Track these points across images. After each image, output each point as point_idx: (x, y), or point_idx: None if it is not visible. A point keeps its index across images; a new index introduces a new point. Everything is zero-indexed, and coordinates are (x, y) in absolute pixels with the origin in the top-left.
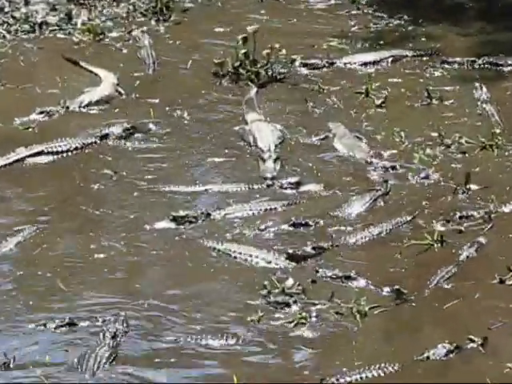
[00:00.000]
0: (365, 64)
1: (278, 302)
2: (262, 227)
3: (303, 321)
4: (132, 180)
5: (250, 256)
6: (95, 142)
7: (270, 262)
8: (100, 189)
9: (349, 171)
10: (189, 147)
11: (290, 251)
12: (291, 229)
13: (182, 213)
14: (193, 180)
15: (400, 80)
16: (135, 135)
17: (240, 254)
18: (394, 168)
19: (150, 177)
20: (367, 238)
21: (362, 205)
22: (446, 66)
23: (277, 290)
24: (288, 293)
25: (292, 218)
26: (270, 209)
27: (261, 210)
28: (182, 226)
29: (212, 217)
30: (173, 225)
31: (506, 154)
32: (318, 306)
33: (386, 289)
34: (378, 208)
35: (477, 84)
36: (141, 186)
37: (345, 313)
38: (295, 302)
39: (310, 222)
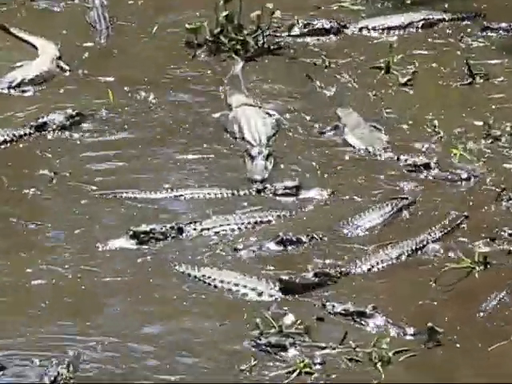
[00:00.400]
0: (386, 30)
1: (273, 345)
2: (252, 246)
3: (306, 369)
4: (78, 184)
5: (236, 285)
6: (30, 134)
7: (262, 294)
8: (36, 195)
9: (364, 172)
10: (154, 140)
11: (285, 278)
12: (281, 248)
13: (145, 227)
14: (160, 184)
15: (432, 51)
16: (83, 125)
17: (222, 282)
18: (425, 167)
19: (102, 179)
20: (386, 262)
21: (380, 216)
22: (490, 33)
23: (272, 330)
24: (286, 333)
25: (287, 232)
26: (261, 222)
27: (249, 223)
28: (146, 246)
29: (185, 233)
30: (133, 243)
31: None
32: (326, 351)
33: (413, 327)
34: (402, 221)
35: None
36: (90, 191)
37: (361, 359)
38: (295, 345)
39: (304, 239)
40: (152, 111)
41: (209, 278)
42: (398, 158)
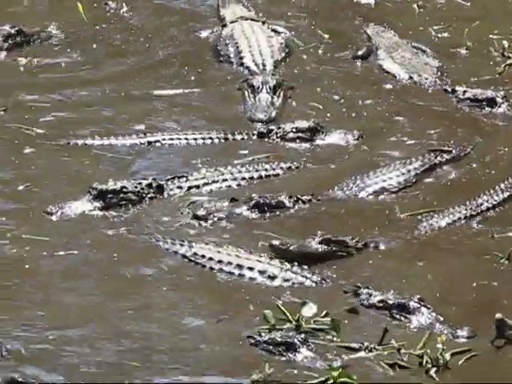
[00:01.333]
0: None
1: (289, 345)
2: (251, 210)
3: (345, 380)
4: (19, 126)
5: (240, 267)
6: None
7: (275, 277)
8: None
9: (405, 110)
10: (123, 69)
11: (279, 245)
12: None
13: (113, 185)
14: (131, 126)
15: None
16: (26, 47)
17: (221, 263)
18: (489, 103)
19: (51, 120)
20: (430, 228)
21: (401, 175)
22: None
23: (287, 325)
24: (307, 330)
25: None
26: (266, 175)
27: (249, 177)
28: (114, 212)
29: (167, 192)
30: (97, 207)
31: None
32: (359, 354)
33: (472, 323)
34: (444, 181)
35: None
36: (36, 136)
37: (408, 364)
38: (314, 345)
39: (287, 203)
40: (121, 24)
41: (203, 257)
42: (454, 90)
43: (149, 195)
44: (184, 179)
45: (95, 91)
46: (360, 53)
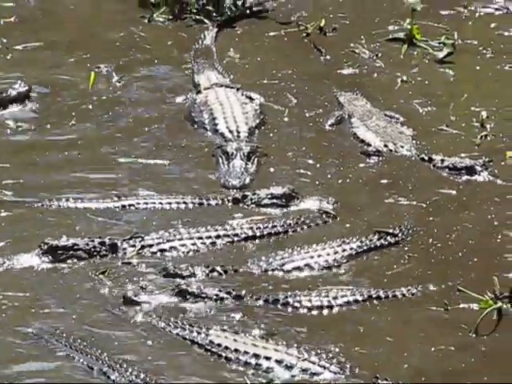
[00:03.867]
0: None
1: None
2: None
3: None
4: None
5: (256, 356)
6: None
7: (292, 368)
8: None
9: (383, 176)
10: (96, 134)
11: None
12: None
13: (64, 241)
14: (104, 190)
15: (476, 15)
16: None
17: (227, 350)
18: (471, 170)
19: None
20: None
21: (342, 251)
22: None
23: None
24: None
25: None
26: (225, 235)
27: (208, 237)
28: (64, 264)
29: (120, 251)
30: (45, 261)
31: None
32: None
33: None
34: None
35: None
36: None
37: None
38: None
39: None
40: (92, 92)
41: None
42: (431, 159)
43: (101, 253)
44: (139, 239)
45: (65, 155)
46: (333, 120)
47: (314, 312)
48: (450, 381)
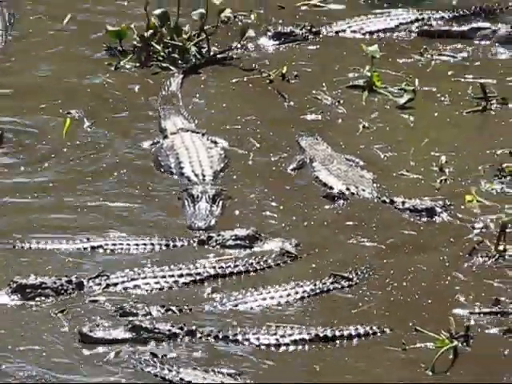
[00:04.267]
0: (369, 34)
1: None
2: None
3: None
4: None
5: None
6: None
7: None
8: None
9: (346, 218)
10: (66, 177)
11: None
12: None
13: (32, 279)
14: (72, 232)
15: (433, 62)
16: None
17: None
18: (428, 212)
19: None
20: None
21: (295, 294)
22: (503, 36)
23: None
24: None
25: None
26: (188, 274)
27: (171, 276)
28: (32, 302)
29: (86, 289)
30: (15, 299)
31: None
32: None
33: None
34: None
35: None
36: None
37: None
38: None
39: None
40: (62, 140)
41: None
42: (392, 201)
43: (68, 291)
44: (105, 277)
45: (36, 197)
46: (295, 164)
47: (264, 348)
48: None
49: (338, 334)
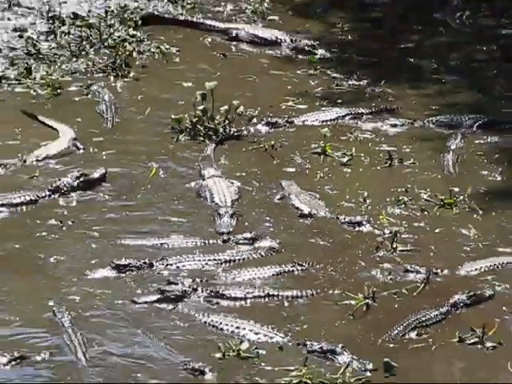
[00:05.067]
0: (322, 122)
1: None
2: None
3: None
4: (85, 229)
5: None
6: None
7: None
8: (54, 229)
9: (311, 228)
10: (146, 202)
11: None
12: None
13: (124, 261)
14: (150, 235)
15: (359, 137)
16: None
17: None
18: (358, 224)
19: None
20: None
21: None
22: (400, 123)
23: None
24: None
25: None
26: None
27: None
28: (124, 274)
29: (155, 267)
30: (114, 273)
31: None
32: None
33: None
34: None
35: (435, 143)
36: (93, 237)
37: None
38: None
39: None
40: (142, 182)
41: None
42: (337, 217)
43: (144, 267)
44: (165, 260)
45: (126, 216)
46: (279, 196)
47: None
48: None
49: (288, 294)
